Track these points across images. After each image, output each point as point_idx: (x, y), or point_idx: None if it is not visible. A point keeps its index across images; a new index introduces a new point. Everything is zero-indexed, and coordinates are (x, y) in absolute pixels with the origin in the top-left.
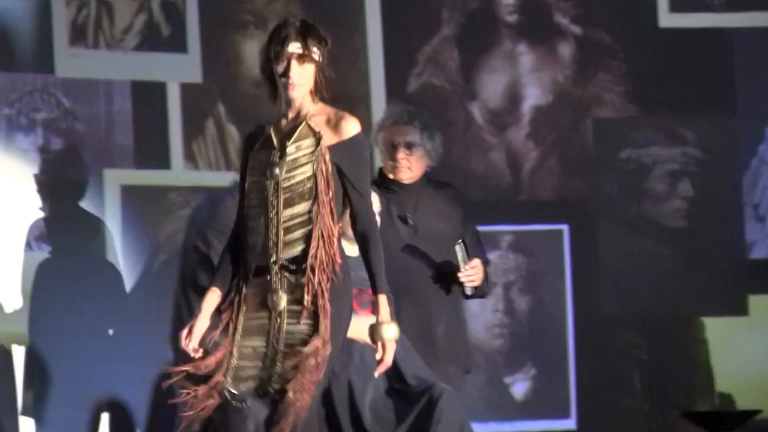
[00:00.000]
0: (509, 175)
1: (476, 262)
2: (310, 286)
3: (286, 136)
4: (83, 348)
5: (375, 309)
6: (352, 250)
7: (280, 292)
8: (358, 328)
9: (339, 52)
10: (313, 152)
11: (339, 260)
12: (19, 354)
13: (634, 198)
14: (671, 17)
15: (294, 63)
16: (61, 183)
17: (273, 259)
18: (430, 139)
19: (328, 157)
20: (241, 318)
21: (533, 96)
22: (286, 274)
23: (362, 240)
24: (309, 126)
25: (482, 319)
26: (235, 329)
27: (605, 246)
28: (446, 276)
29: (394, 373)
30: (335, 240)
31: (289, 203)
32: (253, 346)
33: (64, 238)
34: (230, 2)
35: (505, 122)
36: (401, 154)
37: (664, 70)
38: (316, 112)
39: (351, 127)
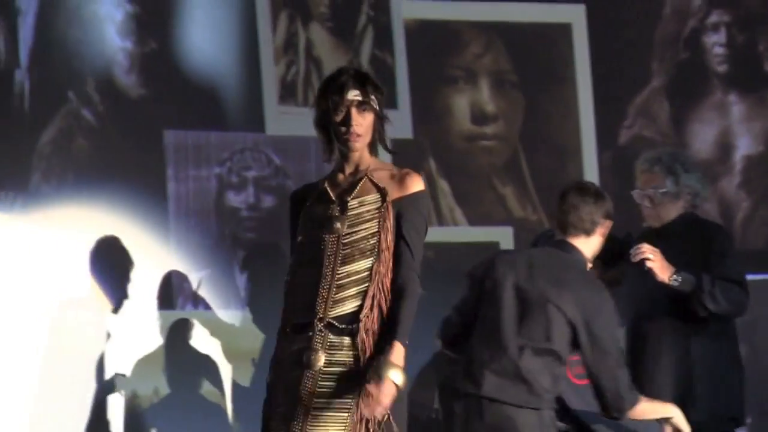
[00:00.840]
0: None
1: (646, 246)
2: (360, 345)
3: (345, 191)
4: None
5: (387, 352)
6: None
7: (320, 352)
8: None
9: (550, 105)
10: (378, 208)
11: None
12: None
13: None
14: None
15: (354, 111)
16: (272, 241)
17: (319, 315)
18: (675, 183)
19: (392, 214)
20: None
21: (744, 146)
22: (330, 332)
23: (398, 292)
24: (371, 181)
25: None
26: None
27: None
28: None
29: None
30: (389, 299)
31: (347, 260)
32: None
33: (275, 293)
34: (439, 58)
35: (717, 172)
36: (646, 201)
37: None
38: (378, 167)
39: (416, 182)
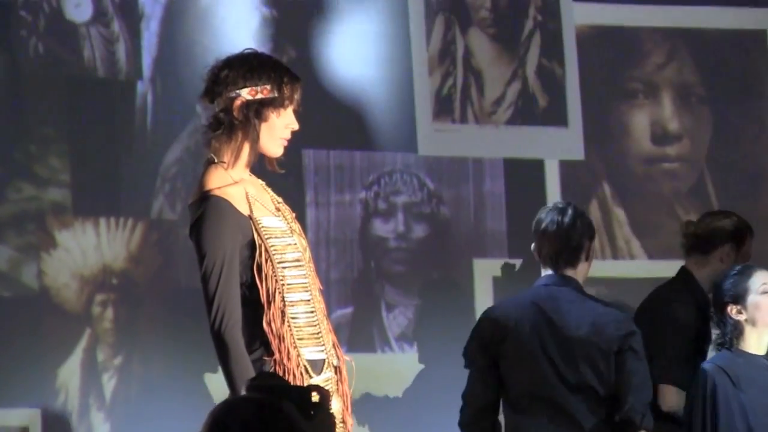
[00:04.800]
0: None
1: None
2: (346, 388)
3: (263, 203)
4: None
5: None
6: None
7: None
8: None
9: (741, 122)
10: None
11: None
12: None
13: None
14: None
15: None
16: (425, 274)
17: (330, 352)
18: None
19: None
20: None
21: None
22: (334, 373)
23: None
24: (269, 193)
25: None
26: None
27: None
28: None
29: None
30: None
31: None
32: None
33: (429, 334)
34: (615, 68)
35: None
36: None
37: None
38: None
39: None
